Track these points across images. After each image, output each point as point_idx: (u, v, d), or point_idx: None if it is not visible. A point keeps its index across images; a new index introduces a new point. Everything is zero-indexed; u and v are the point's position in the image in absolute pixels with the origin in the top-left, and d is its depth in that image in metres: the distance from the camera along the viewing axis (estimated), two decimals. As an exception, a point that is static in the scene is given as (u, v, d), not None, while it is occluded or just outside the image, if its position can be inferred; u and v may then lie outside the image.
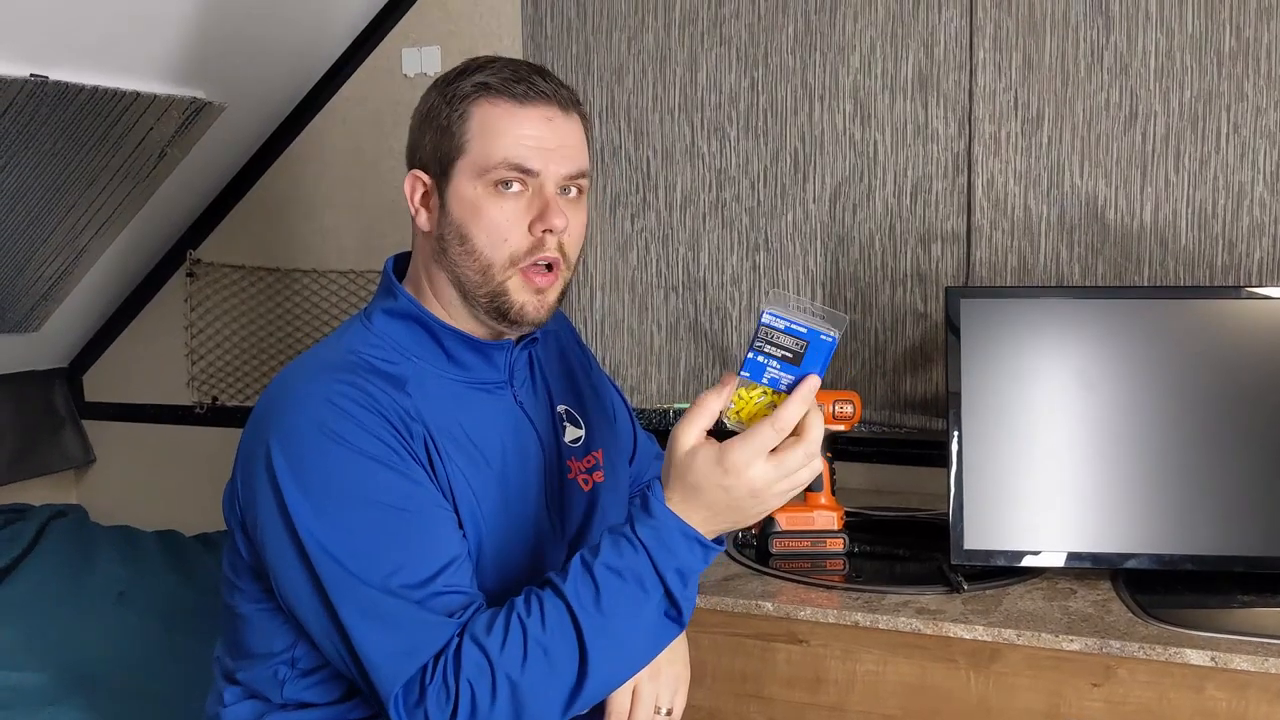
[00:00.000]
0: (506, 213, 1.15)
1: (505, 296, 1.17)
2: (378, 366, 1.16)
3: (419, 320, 1.21)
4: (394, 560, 1.07)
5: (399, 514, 1.09)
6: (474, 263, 1.16)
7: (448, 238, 1.17)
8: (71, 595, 2.06)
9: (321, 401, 1.11)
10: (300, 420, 1.11)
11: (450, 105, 1.17)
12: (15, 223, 2.08)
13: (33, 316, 2.35)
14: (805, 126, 1.93)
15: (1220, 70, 1.69)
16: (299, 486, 1.08)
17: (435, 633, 1.05)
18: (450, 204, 1.17)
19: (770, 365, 1.11)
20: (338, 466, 1.09)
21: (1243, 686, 1.26)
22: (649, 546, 1.05)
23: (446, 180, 1.17)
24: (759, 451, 1.05)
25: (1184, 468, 1.46)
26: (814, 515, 1.63)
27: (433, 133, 1.18)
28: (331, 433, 1.09)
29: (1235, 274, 1.71)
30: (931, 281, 1.87)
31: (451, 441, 1.17)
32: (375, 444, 1.10)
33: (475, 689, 1.02)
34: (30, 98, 1.82)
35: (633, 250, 2.06)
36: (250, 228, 2.38)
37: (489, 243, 1.15)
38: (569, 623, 1.04)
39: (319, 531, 1.07)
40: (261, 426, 1.14)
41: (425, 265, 1.22)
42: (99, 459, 2.64)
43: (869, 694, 1.42)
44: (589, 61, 2.05)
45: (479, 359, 1.22)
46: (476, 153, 1.15)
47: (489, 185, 1.15)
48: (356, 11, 2.17)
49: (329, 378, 1.13)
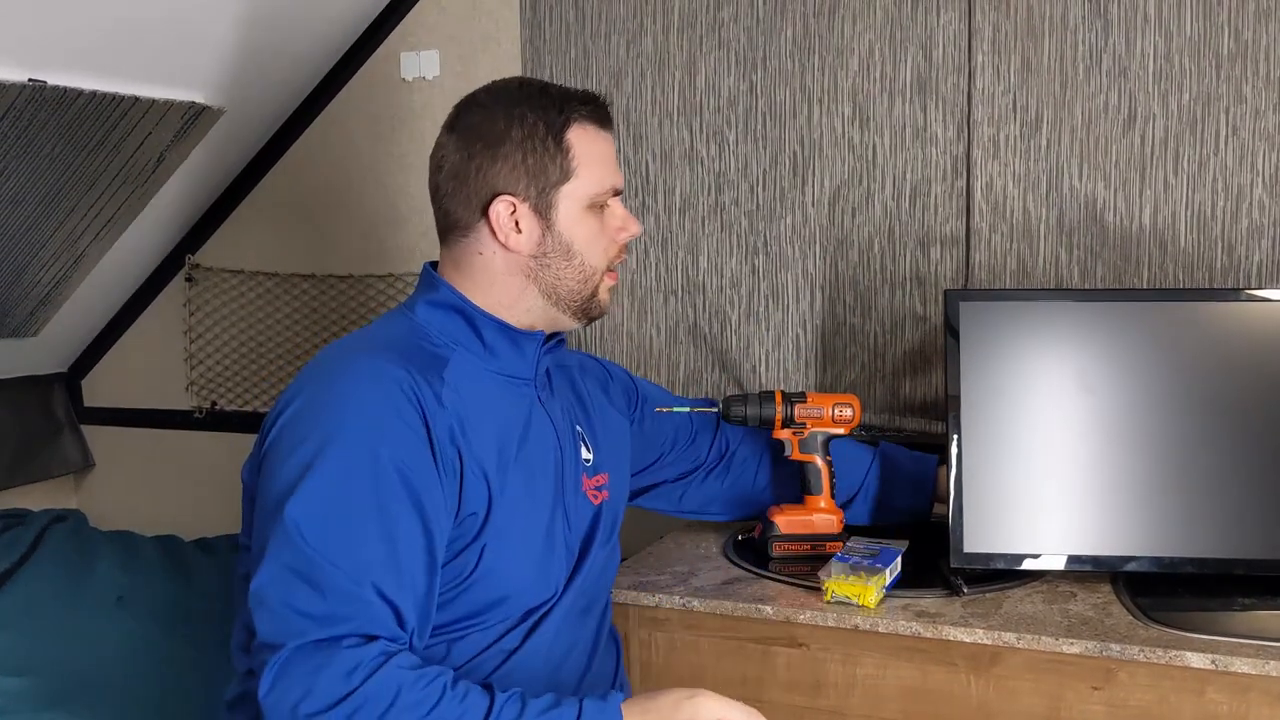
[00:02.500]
0: (605, 228, 1.30)
1: (596, 296, 1.32)
2: (423, 347, 1.25)
3: (459, 309, 1.28)
4: (355, 555, 1.10)
5: (389, 542, 1.12)
6: (578, 273, 1.29)
7: (551, 254, 1.28)
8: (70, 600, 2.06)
9: (369, 379, 1.17)
10: (342, 387, 1.17)
11: (548, 133, 1.25)
12: (14, 227, 2.08)
13: (31, 321, 2.35)
14: (804, 130, 1.93)
15: (1219, 73, 1.69)
16: (313, 448, 1.13)
17: (366, 616, 1.08)
18: (558, 224, 1.27)
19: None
20: (355, 449, 1.13)
21: (1244, 689, 1.26)
22: (586, 713, 1.10)
23: (548, 203, 1.26)
24: (723, 702, 1.14)
25: (1184, 470, 1.46)
26: (814, 518, 1.62)
27: (531, 159, 1.25)
28: (371, 440, 1.14)
29: (1235, 276, 1.71)
30: (930, 284, 1.87)
31: (478, 431, 1.23)
32: (398, 447, 1.14)
33: (369, 706, 1.04)
34: (29, 102, 1.82)
35: (632, 254, 2.06)
36: (249, 232, 2.38)
37: (593, 255, 1.29)
38: (482, 712, 1.08)
39: (301, 516, 1.11)
40: (302, 380, 1.21)
41: (495, 278, 1.29)
42: (98, 464, 2.64)
43: (869, 698, 1.42)
44: (588, 65, 2.05)
45: (510, 347, 1.30)
46: (586, 178, 1.27)
47: (592, 207, 1.28)
48: (355, 15, 2.17)
49: (382, 357, 1.20)
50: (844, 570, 1.45)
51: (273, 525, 1.12)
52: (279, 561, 1.10)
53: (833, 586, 1.43)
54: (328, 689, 1.04)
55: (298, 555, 1.09)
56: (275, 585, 1.09)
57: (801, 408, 1.61)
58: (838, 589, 1.43)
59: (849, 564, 1.46)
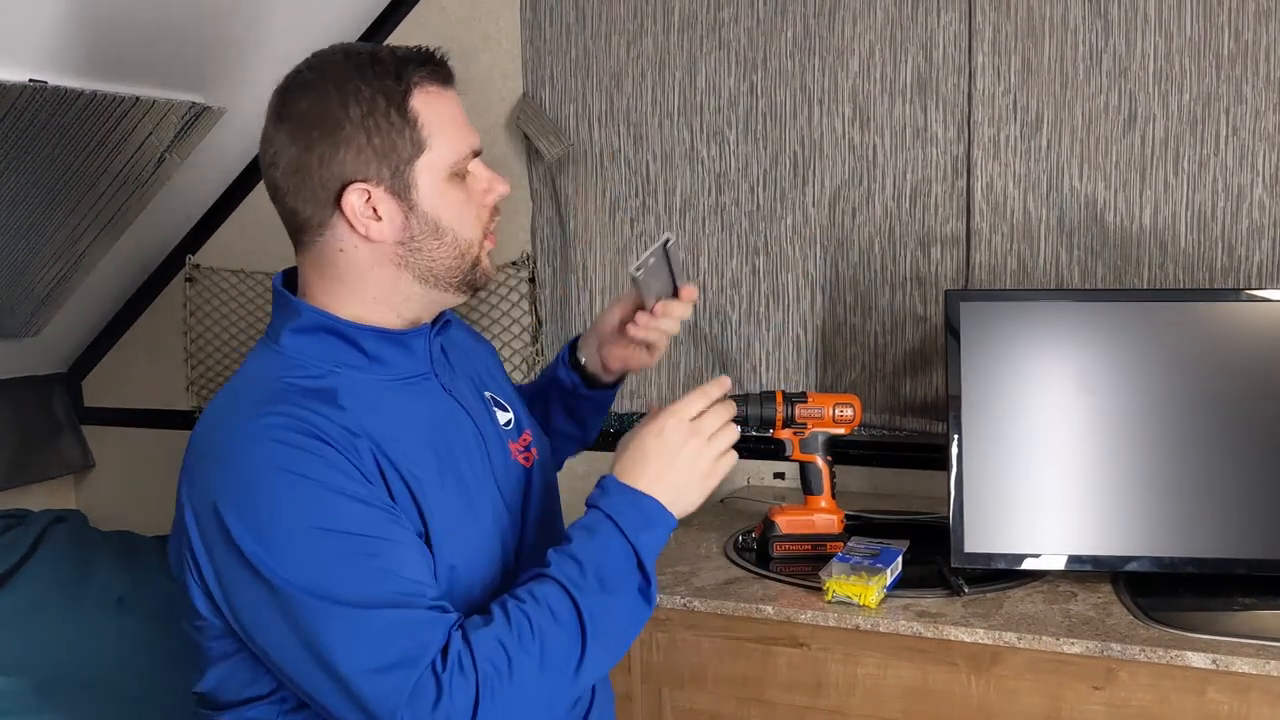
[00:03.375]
0: (471, 194, 1.18)
1: (478, 267, 1.20)
2: (304, 386, 1.12)
3: (329, 329, 1.16)
4: (368, 578, 1.04)
5: (366, 539, 1.06)
6: (452, 250, 1.17)
7: (420, 236, 1.15)
8: (71, 601, 2.06)
9: (259, 441, 1.07)
10: (242, 468, 1.07)
11: (389, 107, 1.12)
12: (14, 228, 2.08)
13: (32, 322, 2.35)
14: (804, 130, 1.93)
15: (1219, 73, 1.69)
16: (257, 539, 1.04)
17: (429, 634, 1.03)
18: (421, 203, 1.14)
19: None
20: (291, 504, 1.05)
21: (1244, 689, 1.26)
22: (617, 519, 1.12)
23: (405, 182, 1.13)
24: (687, 408, 1.19)
25: (1184, 470, 1.46)
26: (814, 518, 1.63)
27: (375, 139, 1.12)
28: (279, 470, 1.05)
29: (1235, 276, 1.71)
30: (931, 285, 1.87)
31: (403, 447, 1.14)
32: (328, 472, 1.06)
33: (496, 671, 1.02)
34: (30, 103, 1.81)
35: (632, 254, 2.06)
36: (249, 232, 2.38)
37: (465, 227, 1.17)
38: (564, 596, 1.08)
39: (285, 572, 1.03)
40: (200, 482, 1.10)
41: (360, 275, 1.16)
42: (98, 464, 2.64)
43: (870, 697, 1.42)
44: (588, 66, 2.05)
45: (399, 351, 1.19)
46: (441, 148, 1.14)
47: (453, 176, 1.16)
48: (355, 15, 2.17)
49: (259, 413, 1.09)
50: (845, 570, 1.45)
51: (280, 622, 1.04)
52: (329, 638, 1.03)
53: (834, 586, 1.43)
54: (461, 705, 1.01)
55: (335, 621, 1.03)
56: (345, 659, 1.02)
57: (802, 408, 1.61)
58: (839, 589, 1.43)
59: (850, 564, 1.47)
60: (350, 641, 1.02)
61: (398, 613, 1.03)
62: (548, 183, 2.11)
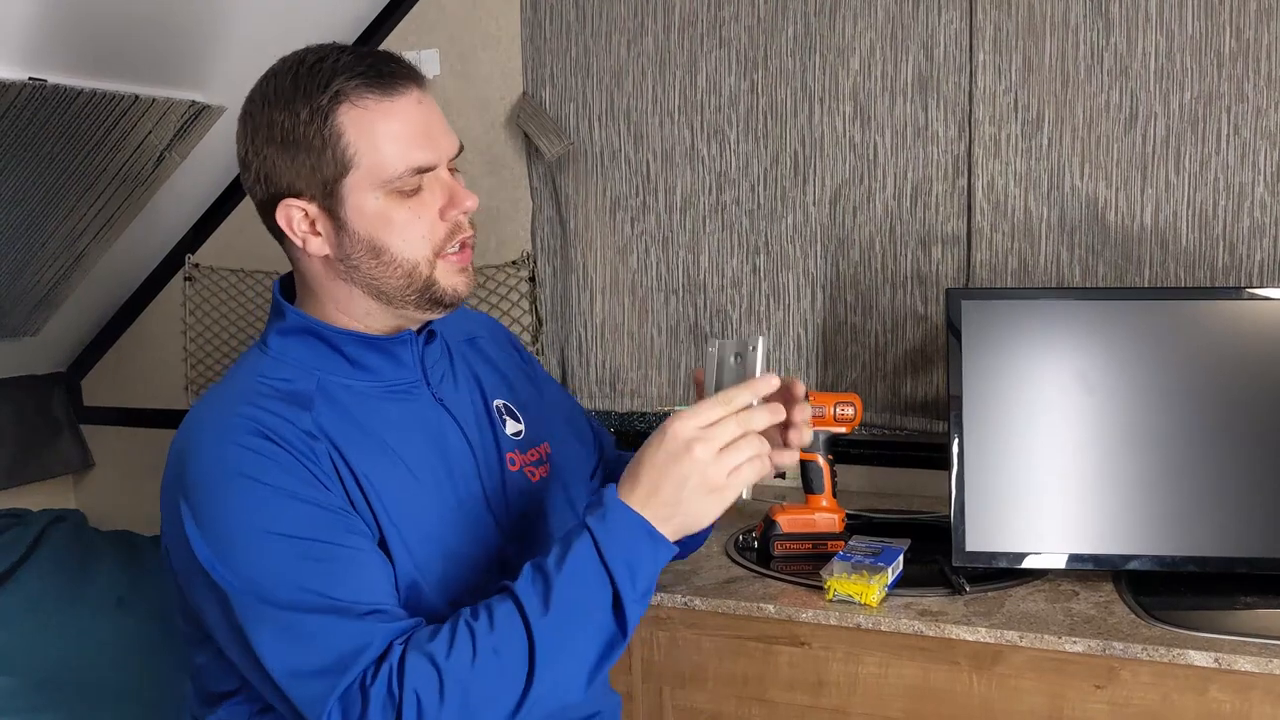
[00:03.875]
0: (418, 212, 1.11)
1: (435, 286, 1.13)
2: (279, 388, 1.12)
3: (311, 332, 1.15)
4: (310, 581, 1.02)
5: (313, 544, 1.04)
6: (395, 270, 1.12)
7: (356, 256, 1.11)
8: (70, 601, 2.06)
9: (216, 443, 1.07)
10: (202, 471, 1.07)
11: (312, 122, 1.08)
12: (13, 227, 2.07)
13: (31, 321, 2.35)
14: (805, 129, 1.93)
15: (1220, 71, 1.69)
16: (206, 540, 1.04)
17: (364, 639, 1.00)
18: (351, 223, 1.10)
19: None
20: (240, 509, 1.04)
21: (1246, 688, 1.26)
22: (596, 535, 1.02)
23: (336, 200, 1.10)
24: (697, 415, 1.04)
25: (1186, 469, 1.45)
26: (815, 517, 1.63)
27: (301, 154, 1.09)
28: (234, 475, 1.05)
29: (1236, 275, 1.71)
30: (932, 283, 1.87)
31: (366, 453, 1.12)
32: (282, 476, 1.05)
33: (421, 696, 0.97)
34: (29, 101, 1.81)
35: (632, 253, 2.06)
36: (249, 231, 2.37)
37: (408, 246, 1.11)
38: (518, 620, 1.00)
39: (229, 574, 1.03)
40: (170, 480, 1.11)
41: (321, 286, 1.16)
42: (97, 464, 2.63)
43: (871, 696, 1.42)
44: (588, 64, 2.05)
45: (384, 360, 1.17)
46: (370, 165, 1.08)
47: (391, 193, 1.10)
48: (355, 14, 2.17)
49: (226, 413, 1.09)
50: (846, 569, 1.45)
51: (221, 616, 1.04)
52: (260, 639, 1.02)
53: (835, 585, 1.43)
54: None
55: (267, 623, 1.02)
56: (274, 662, 1.01)
57: (803, 407, 1.60)
58: (840, 588, 1.43)
59: (851, 563, 1.46)
60: (278, 644, 1.01)
61: (331, 619, 1.01)
62: (548, 182, 2.10)
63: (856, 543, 1.56)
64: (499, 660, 1.00)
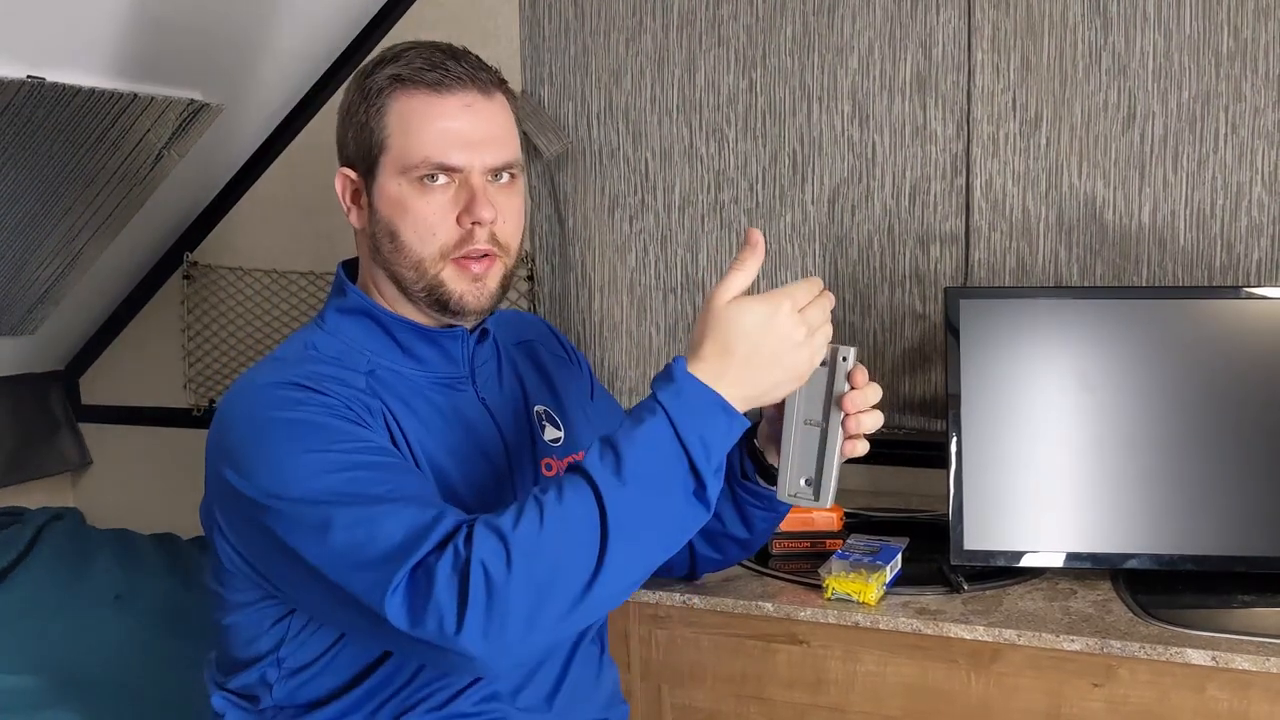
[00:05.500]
0: (433, 206, 1.14)
1: (442, 288, 1.15)
2: (330, 359, 1.16)
3: (368, 314, 1.19)
4: (366, 481, 1.02)
5: (365, 453, 1.04)
6: (405, 259, 1.15)
7: (379, 235, 1.17)
8: (68, 599, 2.06)
9: (255, 402, 1.09)
10: (238, 423, 1.09)
11: (367, 100, 1.16)
12: (12, 225, 2.07)
13: (29, 319, 2.35)
14: (803, 128, 1.93)
15: (1218, 71, 1.69)
16: (252, 480, 1.04)
17: (429, 519, 0.98)
18: (377, 202, 1.16)
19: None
20: (286, 439, 1.05)
21: (1244, 686, 1.26)
22: (669, 410, 1.00)
23: (372, 178, 1.17)
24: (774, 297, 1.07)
25: (1183, 468, 1.46)
26: (814, 516, 1.62)
27: (354, 129, 1.18)
28: (270, 418, 1.06)
29: (1234, 274, 1.71)
30: (930, 282, 1.87)
31: (413, 425, 1.14)
32: (323, 412, 1.06)
33: (489, 567, 0.94)
34: (27, 99, 1.81)
35: (631, 252, 2.06)
36: (248, 229, 2.38)
37: (417, 238, 1.14)
38: (588, 492, 0.98)
39: (282, 496, 1.02)
40: (214, 439, 1.11)
41: (366, 264, 1.22)
42: (95, 462, 2.63)
43: (869, 695, 1.42)
44: (587, 63, 2.05)
45: (435, 352, 1.20)
46: (398, 150, 1.14)
47: (413, 181, 1.14)
48: (354, 12, 2.17)
49: (270, 376, 1.12)
50: (844, 567, 1.45)
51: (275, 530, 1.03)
52: (318, 548, 1.00)
53: (833, 584, 1.43)
54: (447, 600, 0.95)
55: (325, 528, 0.99)
56: (335, 563, 0.99)
57: (802, 405, 1.60)
58: (838, 586, 1.43)
59: (849, 561, 1.47)
60: (339, 540, 0.99)
61: (391, 506, 1.00)
62: (546, 180, 2.10)
63: (855, 541, 1.56)
64: (568, 531, 0.97)
